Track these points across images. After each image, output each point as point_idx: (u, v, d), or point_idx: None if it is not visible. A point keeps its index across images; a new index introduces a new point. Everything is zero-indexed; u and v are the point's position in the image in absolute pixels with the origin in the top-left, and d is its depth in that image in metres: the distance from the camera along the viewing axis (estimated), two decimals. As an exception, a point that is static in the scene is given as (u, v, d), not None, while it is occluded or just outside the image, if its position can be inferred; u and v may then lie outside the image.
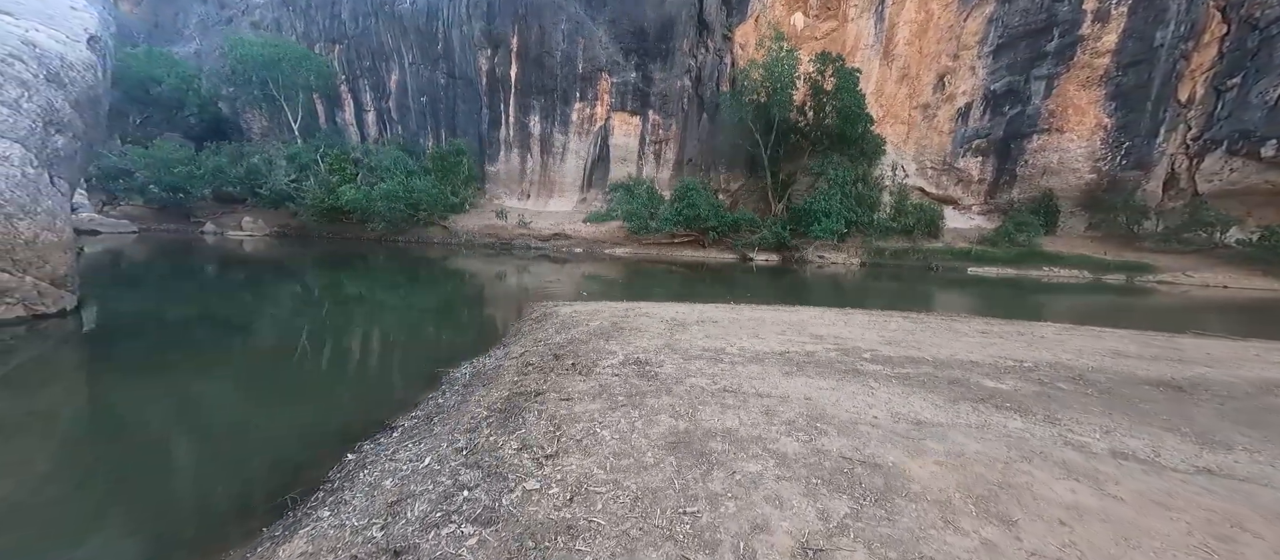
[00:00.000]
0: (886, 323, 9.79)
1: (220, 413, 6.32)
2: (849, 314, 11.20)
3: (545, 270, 23.57)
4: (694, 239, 32.24)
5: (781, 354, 6.91)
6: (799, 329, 8.81)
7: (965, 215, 33.39)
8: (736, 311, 10.89)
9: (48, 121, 10.31)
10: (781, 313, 10.91)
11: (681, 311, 10.56)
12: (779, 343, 7.66)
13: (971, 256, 29.83)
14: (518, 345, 8.22)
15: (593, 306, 11.27)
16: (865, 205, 31.17)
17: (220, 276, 18.47)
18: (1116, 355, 7.13)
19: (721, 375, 5.80)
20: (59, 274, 10.39)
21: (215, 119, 37.69)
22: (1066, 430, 4.26)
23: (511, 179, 36.92)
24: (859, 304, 15.25)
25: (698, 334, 8.16)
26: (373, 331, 10.94)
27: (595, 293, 16.79)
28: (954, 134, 32.77)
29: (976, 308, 15.75)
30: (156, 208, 32.86)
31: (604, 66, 34.19)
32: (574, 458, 3.88)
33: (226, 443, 5.56)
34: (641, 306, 11.31)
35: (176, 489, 4.64)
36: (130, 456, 5.15)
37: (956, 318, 11.39)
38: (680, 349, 7.06)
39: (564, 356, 6.81)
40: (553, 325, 9.37)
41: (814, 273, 26.98)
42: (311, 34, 37.51)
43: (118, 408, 6.48)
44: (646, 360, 6.41)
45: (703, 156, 36.42)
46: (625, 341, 7.55)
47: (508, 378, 6.29)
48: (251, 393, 7.01)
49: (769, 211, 32.92)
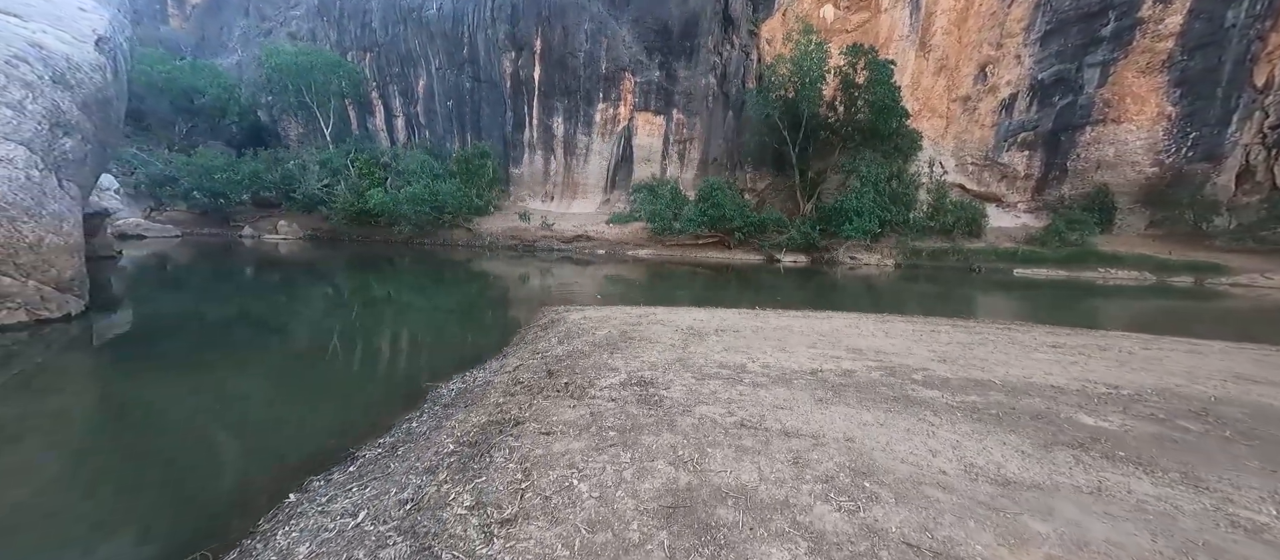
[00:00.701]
0: (935, 333, 8.45)
1: (186, 427, 5.58)
2: (888, 322, 9.87)
3: (566, 273, 22.76)
4: (719, 240, 30.95)
5: (813, 373, 5.74)
6: (833, 340, 7.59)
7: (1010, 213, 31.03)
8: (761, 319, 9.71)
9: (55, 124, 9.97)
10: (812, 320, 9.67)
11: (700, 318, 9.46)
12: (810, 358, 6.49)
13: (1018, 257, 27.59)
14: (515, 356, 7.29)
15: (604, 312, 10.27)
16: (900, 204, 29.28)
17: (241, 278, 18.30)
18: (1239, 379, 5.67)
19: (740, 401, 4.70)
20: (65, 278, 10.02)
21: (255, 127, 38.51)
22: (1224, 500, 3.01)
23: (535, 181, 36.39)
24: (897, 309, 13.76)
25: (716, 346, 7.05)
26: (377, 337, 10.23)
27: (613, 296, 15.82)
28: (997, 127, 30.49)
29: (1032, 314, 14.05)
30: (199, 213, 33.62)
31: (627, 66, 33.28)
32: (535, 526, 2.87)
33: (175, 465, 4.79)
34: (656, 312, 10.25)
35: (87, 522, 3.83)
36: (61, 480, 4.40)
37: (1015, 326, 9.91)
38: (693, 365, 5.98)
39: (558, 373, 5.82)
40: (558, 333, 8.41)
41: (845, 275, 25.35)
42: (344, 43, 37.91)
43: (77, 421, 5.83)
44: (652, 380, 5.35)
45: (728, 156, 35.09)
46: (632, 355, 6.51)
47: (492, 399, 5.35)
48: (230, 406, 6.28)
49: (797, 211, 31.34)
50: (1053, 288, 22.50)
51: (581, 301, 14.06)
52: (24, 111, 9.69)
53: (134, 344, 9.07)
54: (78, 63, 10.05)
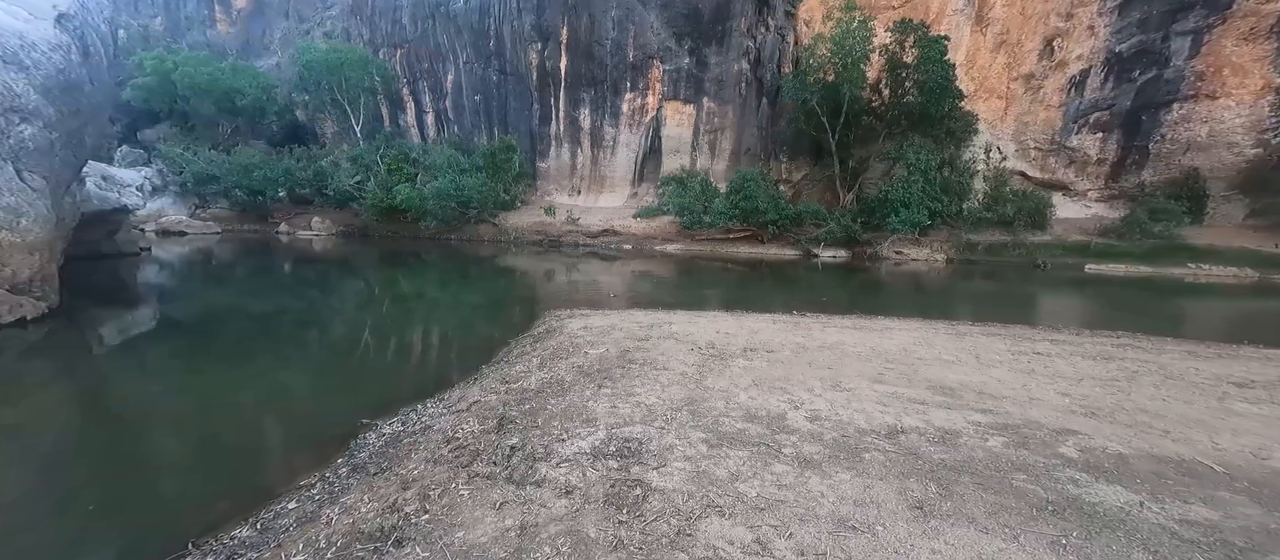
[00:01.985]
0: (1046, 357, 6.16)
1: (75, 475, 4.05)
2: (967, 335, 7.59)
3: (588, 269, 21.03)
4: (751, 234, 28.55)
5: (891, 434, 3.69)
6: (905, 368, 5.47)
7: (1079, 203, 27.29)
8: (803, 331, 7.61)
9: (8, 108, 8.82)
10: (868, 333, 7.50)
11: (725, 330, 7.45)
12: (879, 399, 4.43)
13: (1090, 252, 24.07)
14: (480, 386, 5.50)
15: (610, 320, 8.40)
16: (952, 193, 26.11)
17: (250, 276, 17.41)
18: None
19: (779, 507, 2.73)
20: (21, 279, 8.90)
21: (293, 126, 38.48)
22: None
23: (562, 175, 34.82)
24: (964, 314, 11.29)
25: (742, 376, 5.07)
26: (352, 348, 8.70)
27: (629, 295, 13.94)
28: (1065, 107, 26.78)
29: (1143, 320, 11.26)
30: (240, 210, 33.69)
31: (655, 53, 31.14)
32: None
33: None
34: (674, 320, 8.29)
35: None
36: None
37: (1157, 343, 7.41)
38: (708, 414, 4.03)
39: (513, 425, 3.98)
40: (545, 350, 6.59)
41: (890, 271, 22.62)
42: (376, 40, 37.27)
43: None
44: (641, 447, 3.44)
45: (762, 145, 32.50)
46: (625, 391, 4.61)
47: (407, 468, 3.57)
48: (129, 450, 4.75)
49: (836, 203, 28.54)
50: (1138, 287, 19.21)
51: (594, 302, 12.25)
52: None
53: (74, 360, 7.79)
54: (33, 41, 8.86)
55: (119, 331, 9.39)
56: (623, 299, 13.41)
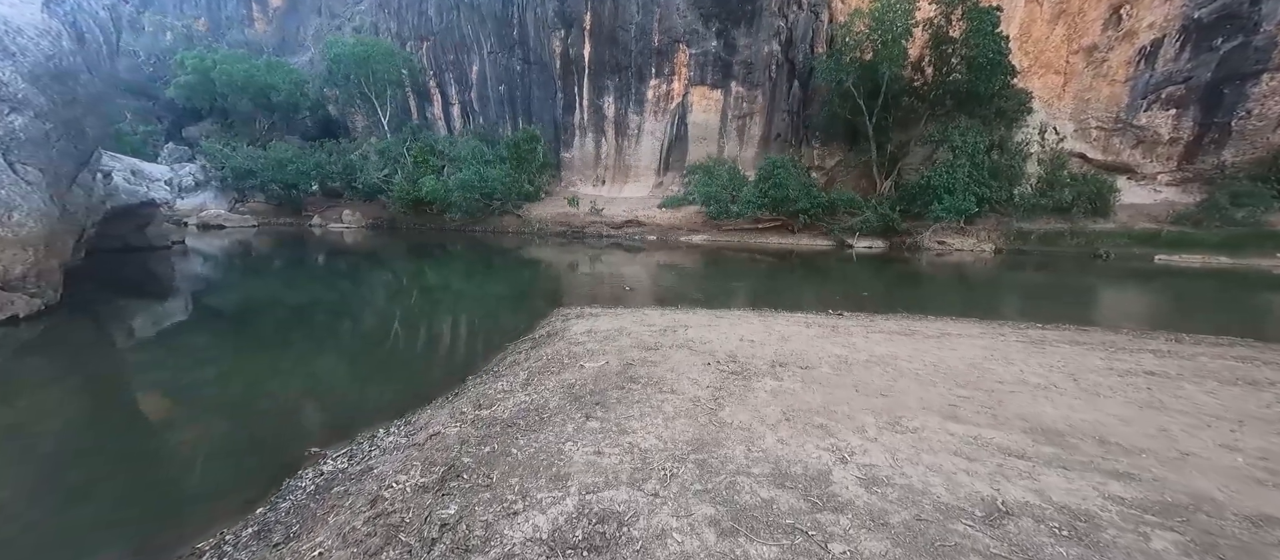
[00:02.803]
0: (1167, 377, 4.75)
1: None
2: (1043, 341, 6.19)
3: (610, 261, 20.02)
4: (781, 224, 26.91)
5: (991, 516, 2.50)
6: (981, 393, 4.20)
7: (1146, 187, 24.51)
8: (843, 336, 6.36)
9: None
10: (923, 341, 6.19)
11: (750, 335, 6.28)
12: (957, 447, 3.22)
13: (1161, 240, 21.50)
14: (448, 410, 4.53)
15: (619, 322, 7.33)
16: (1002, 178, 23.81)
17: (274, 269, 17.14)
18: None
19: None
20: (12, 274, 8.48)
21: (326, 120, 38.76)
22: None
23: (586, 165, 33.82)
24: (1024, 312, 9.68)
25: (770, 405, 3.92)
26: (351, 348, 7.94)
27: (647, 289, 12.82)
28: (1133, 82, 23.98)
29: (1222, 321, 9.41)
30: (276, 204, 34.11)
31: (681, 37, 29.61)
32: None
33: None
34: (691, 322, 7.17)
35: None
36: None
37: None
38: (723, 469, 2.93)
39: (454, 487, 2.96)
40: (537, 360, 5.59)
41: (932, 262, 20.74)
42: (403, 33, 37.02)
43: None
44: (619, 534, 2.37)
45: (793, 131, 30.65)
46: (617, 425, 3.54)
47: (315, 539, 2.59)
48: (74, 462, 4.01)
49: (873, 190, 26.56)
50: (1219, 280, 16.88)
51: (609, 298, 11.21)
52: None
53: (50, 362, 7.25)
54: (17, 26, 8.33)
55: (115, 330, 8.92)
56: (641, 293, 12.33)
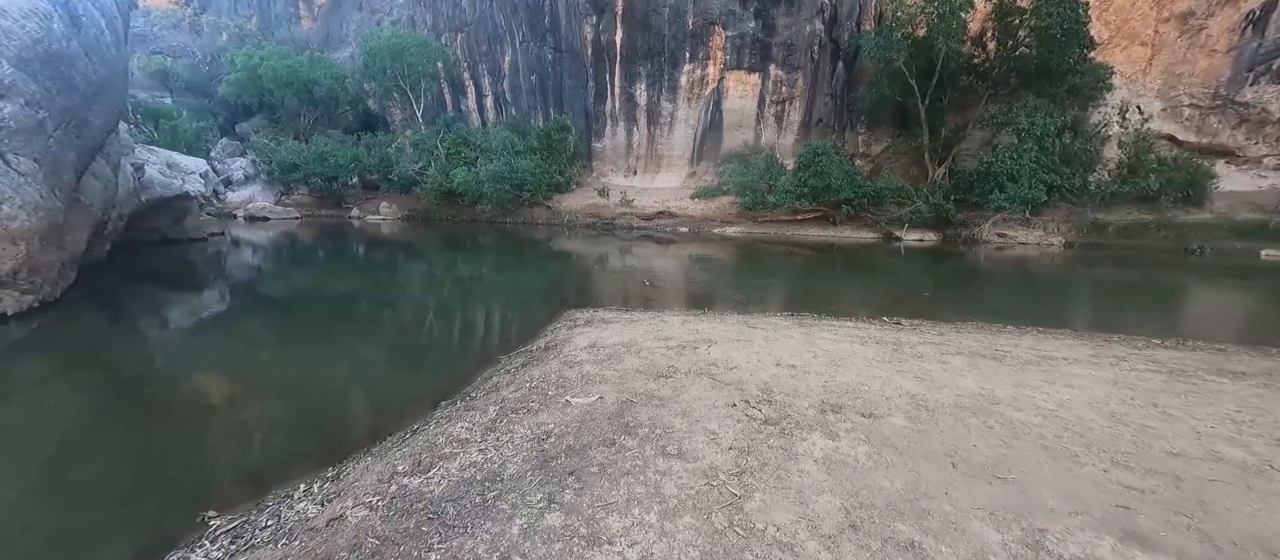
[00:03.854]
0: None
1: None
2: (1188, 372, 4.63)
3: (639, 253, 18.81)
4: (822, 215, 24.94)
5: None
6: (1158, 479, 2.81)
7: (1250, 172, 21.14)
8: (912, 360, 4.94)
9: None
10: (1023, 370, 4.71)
11: (790, 356, 4.96)
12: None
13: (1268, 233, 18.43)
14: (375, 472, 3.42)
15: (632, 332, 6.13)
16: (1075, 163, 21.07)
17: (306, 260, 16.85)
18: None
19: None
20: (2, 270, 8.05)
21: (367, 114, 39.14)
22: None
23: (617, 155, 32.58)
24: (1120, 320, 7.80)
25: (826, 492, 2.71)
26: (336, 356, 7.14)
27: (690, 287, 11.52)
28: (1236, 53, 20.64)
29: None
30: (319, 196, 34.63)
31: (717, 19, 27.78)
32: None
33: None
34: (716, 335, 5.89)
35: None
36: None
37: None
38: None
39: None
40: (517, 391, 4.47)
41: (992, 257, 18.47)
42: (438, 26, 36.74)
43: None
44: None
45: (835, 116, 28.38)
46: (589, 525, 2.34)
47: None
48: None
49: (924, 178, 24.15)
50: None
51: (630, 296, 10.00)
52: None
53: (21, 364, 6.68)
54: (2, 7, 7.75)
55: (106, 330, 8.41)
56: (665, 292, 11.07)
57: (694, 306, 9.40)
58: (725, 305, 9.38)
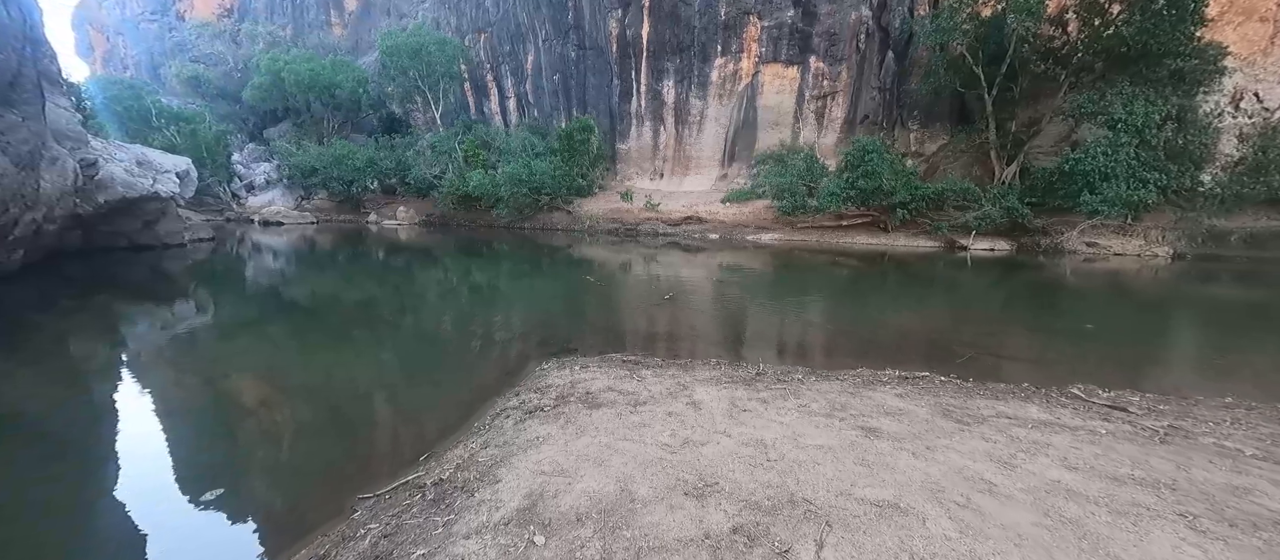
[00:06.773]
0: None
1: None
2: None
3: (666, 262, 16.59)
4: (871, 220, 22.16)
5: None
6: None
7: None
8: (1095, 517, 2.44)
9: None
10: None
11: (861, 489, 2.55)
12: None
13: None
14: None
15: (617, 460, 3.80)
16: (1183, 160, 17.72)
17: (283, 270, 15.34)
18: None
19: None
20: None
21: (390, 117, 38.52)
22: None
23: (643, 156, 30.53)
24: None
25: None
26: (265, 407, 5.14)
27: (716, 308, 9.21)
28: (1392, 24, 16.93)
29: None
30: (338, 200, 33.95)
31: (752, 8, 25.54)
32: None
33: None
34: (730, 430, 3.52)
35: None
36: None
37: None
38: None
39: None
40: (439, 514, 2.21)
41: (1078, 269, 15.39)
42: (462, 27, 35.86)
43: None
44: None
45: (884, 111, 25.61)
46: None
47: None
48: None
49: (990, 179, 21.10)
50: None
51: (631, 334, 7.78)
52: None
53: None
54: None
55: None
56: (681, 316, 8.76)
57: (715, 339, 7.08)
58: (792, 352, 6.92)
